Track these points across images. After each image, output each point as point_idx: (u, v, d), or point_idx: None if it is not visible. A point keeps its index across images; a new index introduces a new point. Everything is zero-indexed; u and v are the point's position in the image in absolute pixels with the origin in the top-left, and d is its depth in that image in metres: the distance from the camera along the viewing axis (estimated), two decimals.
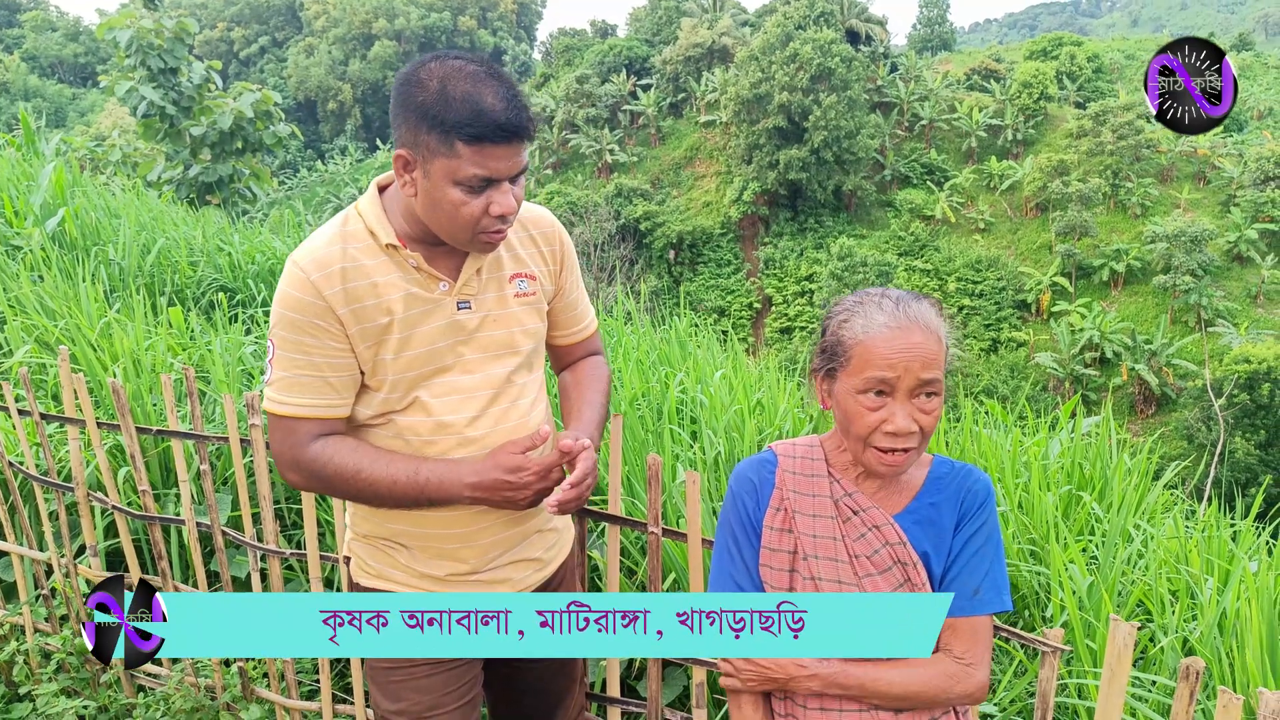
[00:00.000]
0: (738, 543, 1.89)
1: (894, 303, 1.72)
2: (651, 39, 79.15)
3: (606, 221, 55.84)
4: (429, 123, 1.76)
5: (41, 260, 5.86)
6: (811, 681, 1.76)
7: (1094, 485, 3.76)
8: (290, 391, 1.93)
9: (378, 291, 1.92)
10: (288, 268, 1.92)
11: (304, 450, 1.95)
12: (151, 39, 12.65)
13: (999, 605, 1.77)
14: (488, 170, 1.79)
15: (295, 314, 1.89)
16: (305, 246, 1.94)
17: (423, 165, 1.81)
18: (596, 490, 3.51)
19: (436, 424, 1.99)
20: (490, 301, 2.04)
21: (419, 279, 1.95)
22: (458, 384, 2.01)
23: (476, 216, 1.83)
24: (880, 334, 1.69)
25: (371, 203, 1.96)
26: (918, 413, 1.69)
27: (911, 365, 1.66)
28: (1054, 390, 46.22)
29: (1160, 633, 2.84)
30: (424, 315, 1.96)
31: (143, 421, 3.87)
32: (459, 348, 2.01)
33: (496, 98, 1.76)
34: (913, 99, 66.54)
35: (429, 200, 1.84)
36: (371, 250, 1.93)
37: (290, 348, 1.91)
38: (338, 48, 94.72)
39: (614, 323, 5.12)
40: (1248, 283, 51.01)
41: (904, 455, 1.71)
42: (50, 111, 79.81)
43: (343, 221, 1.96)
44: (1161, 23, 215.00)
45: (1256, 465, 35.87)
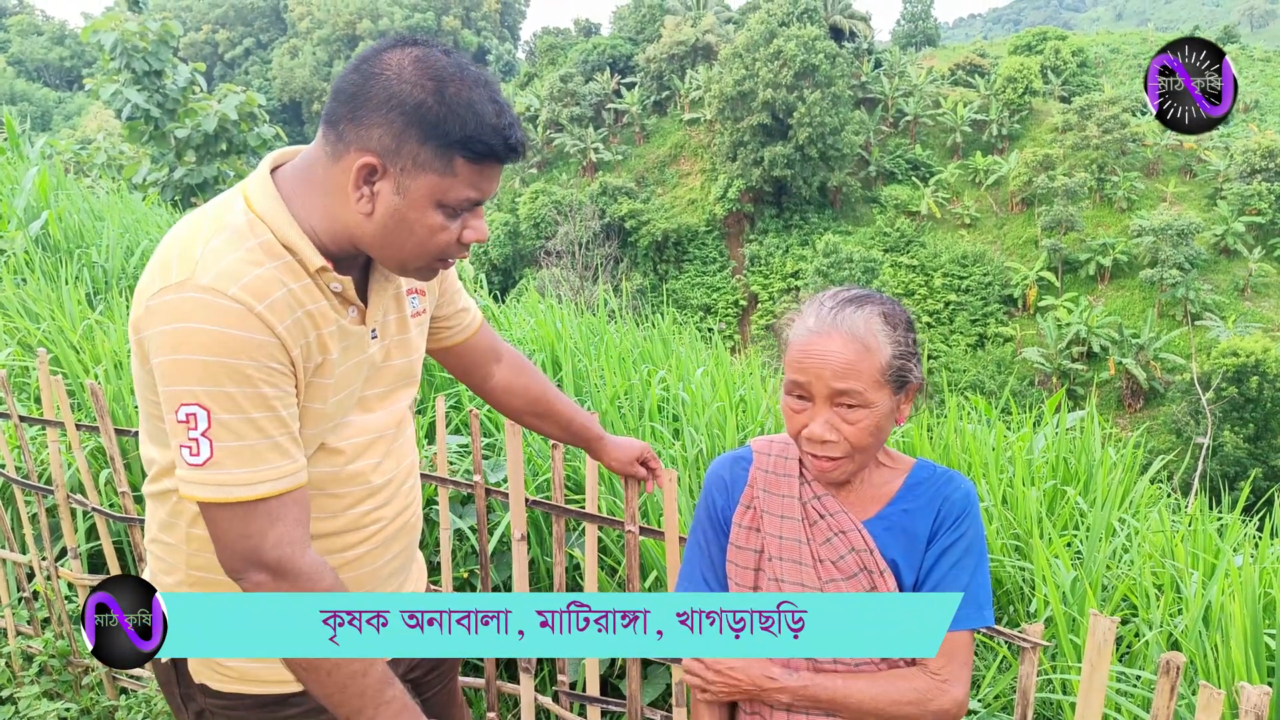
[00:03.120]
0: (707, 539, 1.88)
1: (830, 308, 1.65)
2: (635, 37, 79.15)
3: (591, 220, 55.87)
4: (423, 132, 1.44)
5: (25, 263, 5.83)
6: (781, 695, 1.73)
7: (1079, 480, 3.76)
8: (257, 464, 1.47)
9: (315, 324, 1.55)
10: (199, 300, 1.42)
11: (299, 552, 1.52)
12: (136, 42, 12.58)
13: (978, 621, 1.70)
14: (480, 193, 1.52)
15: (243, 360, 1.43)
16: (213, 268, 1.45)
17: (396, 179, 1.47)
18: (575, 489, 3.51)
19: (346, 472, 1.71)
20: (393, 327, 1.75)
21: (337, 306, 1.59)
22: (363, 424, 1.73)
23: (449, 244, 1.54)
24: (801, 338, 1.65)
25: (273, 204, 1.54)
26: (840, 422, 1.63)
27: (822, 373, 1.61)
28: (1041, 385, 46.38)
29: (1145, 627, 2.84)
30: (347, 352, 1.63)
31: (124, 424, 3.85)
32: (366, 385, 1.72)
33: (497, 108, 1.49)
34: (897, 95, 66.69)
35: (395, 220, 1.50)
36: (294, 270, 1.52)
37: (242, 405, 1.45)
38: (322, 49, 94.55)
39: (597, 321, 5.11)
40: (1235, 276, 51.26)
41: (832, 463, 1.67)
42: (36, 115, 79.47)
43: (248, 229, 1.51)
44: (1146, 16, 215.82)
45: (1245, 459, 36.05)
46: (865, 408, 1.62)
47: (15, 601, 3.68)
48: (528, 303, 5.34)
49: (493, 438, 3.81)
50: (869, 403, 1.62)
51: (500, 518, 3.32)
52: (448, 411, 4.10)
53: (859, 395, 1.61)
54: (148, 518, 1.78)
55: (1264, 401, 37.75)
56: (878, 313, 1.65)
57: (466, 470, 3.62)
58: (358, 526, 1.76)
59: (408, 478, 1.88)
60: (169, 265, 1.47)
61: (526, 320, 4.90)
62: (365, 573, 1.81)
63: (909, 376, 1.67)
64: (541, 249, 52.22)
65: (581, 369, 4.33)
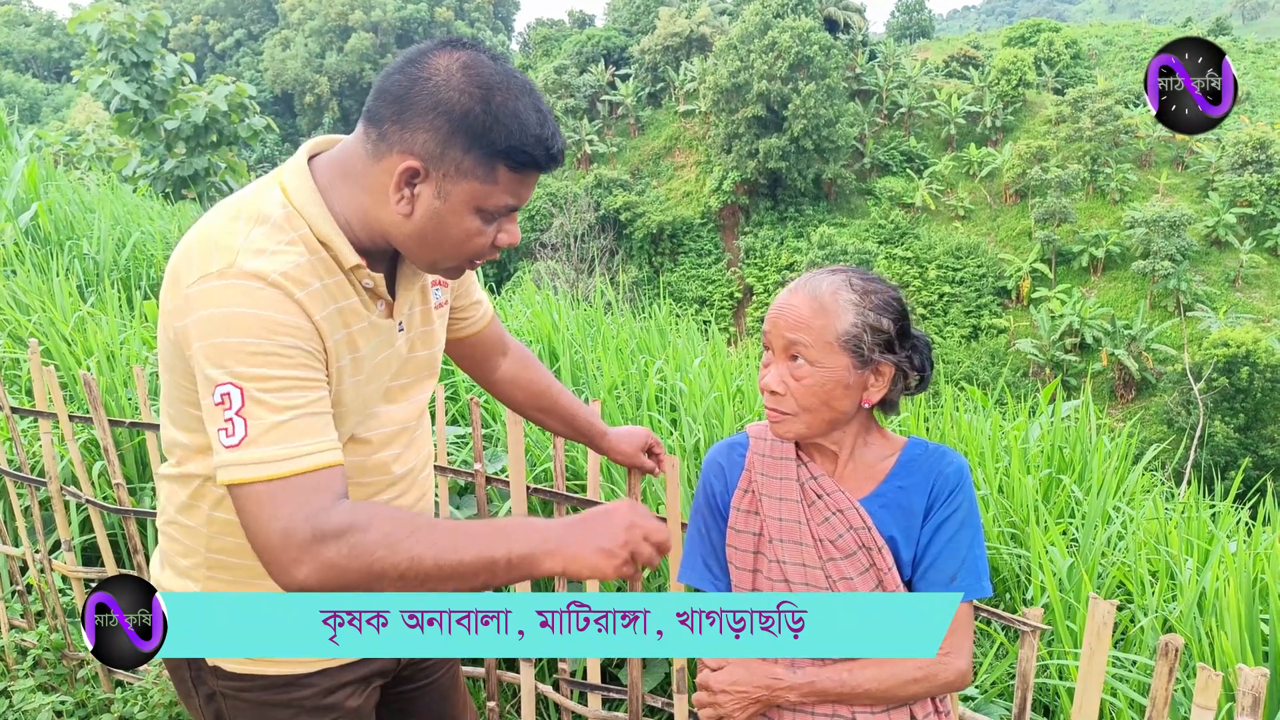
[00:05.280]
0: (707, 525, 1.91)
1: (810, 274, 1.75)
2: (629, 28, 79.04)
3: (586, 212, 55.82)
4: (469, 139, 1.44)
5: (15, 255, 5.81)
6: (789, 693, 1.74)
7: (1074, 468, 3.78)
8: (301, 438, 1.43)
9: (345, 320, 1.58)
10: (242, 285, 1.44)
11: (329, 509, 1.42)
12: (123, 32, 12.53)
13: (978, 592, 1.74)
14: (518, 200, 1.54)
15: (284, 340, 1.44)
16: (258, 254, 1.47)
17: (438, 184, 1.47)
18: (575, 477, 3.51)
19: (371, 462, 1.74)
20: (417, 319, 1.78)
21: (367, 302, 1.62)
22: (389, 416, 1.76)
23: (485, 247, 1.56)
24: (776, 299, 1.75)
25: (312, 199, 1.54)
26: (788, 377, 1.70)
27: (778, 324, 1.70)
28: (1034, 376, 46.48)
29: (1140, 613, 2.85)
30: (377, 347, 1.66)
31: (117, 415, 3.84)
32: (393, 378, 1.76)
33: (540, 117, 1.49)
34: (891, 87, 66.66)
35: (434, 223, 1.51)
36: (327, 266, 1.54)
37: (282, 384, 1.44)
38: (314, 40, 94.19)
39: (594, 312, 5.11)
40: (1226, 267, 51.38)
41: (779, 415, 1.73)
42: (25, 107, 79.21)
43: (286, 223, 1.52)
44: (1139, 8, 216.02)
45: (1235, 448, 36.19)
46: (811, 365, 1.68)
47: (9, 595, 3.67)
48: (524, 295, 5.33)
49: (490, 428, 3.80)
50: (815, 360, 1.67)
51: (499, 508, 3.32)
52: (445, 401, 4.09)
53: (805, 350, 1.67)
54: (162, 500, 1.78)
55: (1254, 392, 37.88)
56: (846, 281, 1.71)
57: (465, 460, 3.62)
58: None
59: (424, 468, 1.92)
60: (208, 254, 1.48)
61: (523, 312, 4.90)
62: None
63: (867, 352, 1.68)
64: (537, 241, 52.11)
65: (579, 360, 4.33)
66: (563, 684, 2.79)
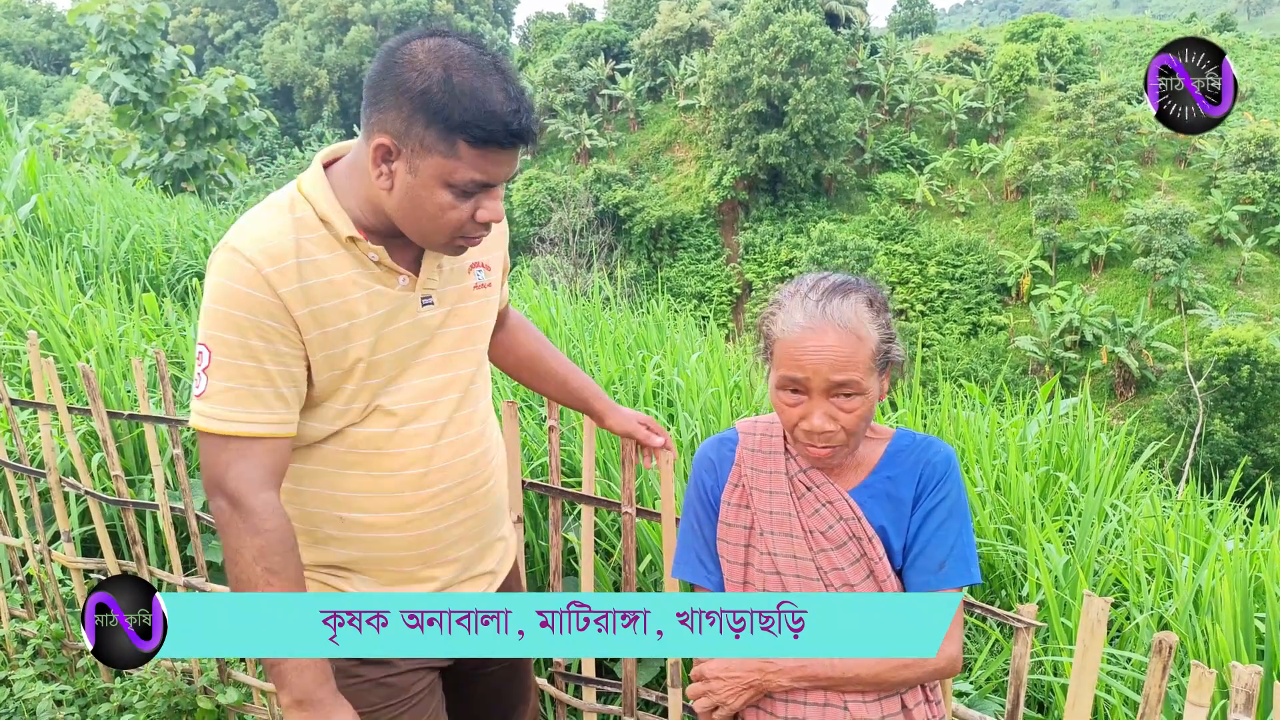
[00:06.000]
0: (699, 519, 1.92)
1: (816, 300, 1.68)
2: (630, 22, 78.87)
3: (585, 207, 55.73)
4: (428, 115, 1.56)
5: (14, 247, 5.81)
6: (780, 676, 1.75)
7: (1072, 466, 3.78)
8: (236, 405, 1.67)
9: (338, 291, 1.71)
10: (227, 258, 1.66)
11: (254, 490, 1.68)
12: (123, 25, 12.51)
13: (966, 579, 1.76)
14: (486, 175, 1.62)
15: (241, 312, 1.64)
16: (247, 233, 1.68)
17: (409, 160, 1.60)
18: (570, 472, 3.52)
19: (401, 434, 1.83)
20: (453, 295, 1.88)
21: (379, 274, 1.75)
22: (424, 388, 1.85)
23: (462, 222, 1.66)
24: (794, 334, 1.67)
25: (319, 185, 1.72)
26: (837, 411, 1.67)
27: (820, 368, 1.64)
28: (1034, 373, 46.47)
29: (1136, 611, 2.85)
30: (389, 316, 1.78)
31: (116, 407, 3.84)
32: (423, 350, 1.85)
33: (506, 96, 1.59)
34: (893, 82, 66.56)
35: (409, 198, 1.64)
36: (326, 242, 1.71)
37: (234, 352, 1.65)
38: (313, 33, 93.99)
39: (592, 307, 5.11)
40: (1228, 265, 51.35)
41: (829, 450, 1.72)
42: (24, 99, 78.97)
43: (289, 206, 1.72)
44: (1143, 3, 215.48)
45: (1235, 447, 36.15)
46: (861, 395, 1.67)
47: (9, 585, 3.68)
48: (522, 289, 5.34)
49: None
50: (864, 390, 1.67)
51: None
52: None
53: (856, 385, 1.65)
54: None
55: (1255, 390, 37.85)
56: (863, 300, 1.70)
57: None
58: (416, 488, 1.86)
59: (471, 449, 1.94)
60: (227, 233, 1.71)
61: (521, 306, 4.90)
62: (426, 533, 1.91)
63: (893, 357, 1.72)
64: (535, 236, 52.02)
65: (577, 355, 4.33)
66: (558, 677, 2.80)
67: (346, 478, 1.85)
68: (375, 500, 1.85)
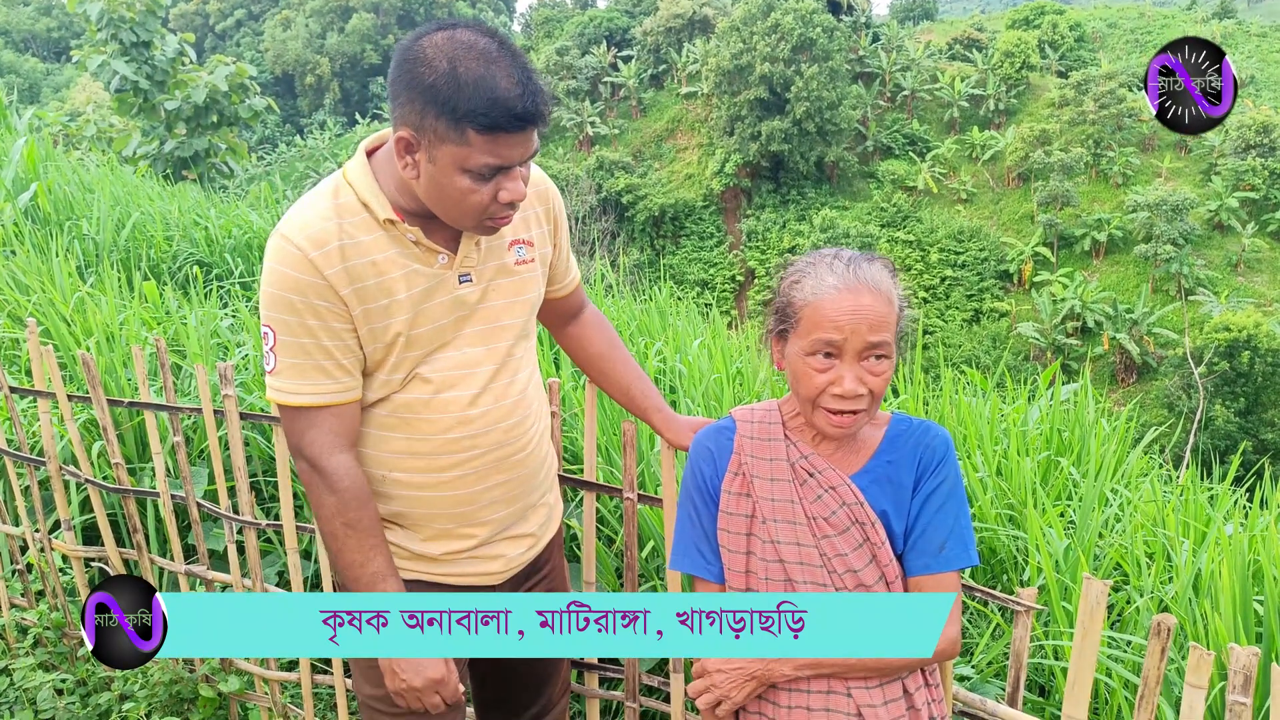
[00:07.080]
0: (697, 510, 1.91)
1: (845, 264, 1.71)
2: (632, 10, 78.62)
3: (588, 195, 55.65)
4: (438, 107, 1.66)
5: (14, 235, 5.80)
6: (783, 666, 1.76)
7: (1073, 451, 3.78)
8: (302, 379, 1.85)
9: (378, 270, 1.84)
10: (277, 244, 1.82)
11: (327, 453, 1.88)
12: (123, 12, 12.49)
13: (965, 560, 1.78)
14: (500, 159, 1.71)
15: (294, 295, 1.80)
16: (295, 220, 1.83)
17: (427, 149, 1.71)
18: (573, 458, 3.52)
19: (437, 400, 1.94)
20: (491, 272, 1.98)
21: (418, 254, 1.88)
22: (460, 359, 1.95)
23: (485, 204, 1.76)
24: (829, 296, 1.68)
25: (361, 172, 1.86)
26: (866, 374, 1.69)
27: (859, 328, 1.66)
28: (1036, 360, 46.42)
29: (1136, 594, 2.86)
30: (427, 293, 1.89)
31: (116, 395, 3.84)
32: (461, 324, 1.95)
33: (511, 81, 1.66)
34: (895, 69, 66.35)
35: (433, 185, 1.75)
36: (367, 225, 1.84)
37: (294, 331, 1.82)
38: (315, 20, 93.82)
39: (594, 294, 5.10)
40: (1228, 251, 51.24)
41: (853, 417, 1.72)
42: (24, 87, 78.94)
43: (333, 193, 1.86)
44: None
45: (1235, 432, 36.19)
46: (889, 358, 1.70)
47: (9, 574, 3.68)
48: None
49: None
50: (889, 353, 1.70)
51: None
52: None
53: (887, 346, 1.69)
54: None
55: (1255, 376, 37.86)
56: (885, 267, 1.74)
57: None
58: (450, 451, 1.97)
59: (508, 417, 2.03)
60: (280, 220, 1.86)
61: None
62: (463, 494, 2.01)
63: (905, 327, 1.75)
64: None
65: None
66: None
67: (389, 440, 1.97)
68: (413, 461, 1.97)
